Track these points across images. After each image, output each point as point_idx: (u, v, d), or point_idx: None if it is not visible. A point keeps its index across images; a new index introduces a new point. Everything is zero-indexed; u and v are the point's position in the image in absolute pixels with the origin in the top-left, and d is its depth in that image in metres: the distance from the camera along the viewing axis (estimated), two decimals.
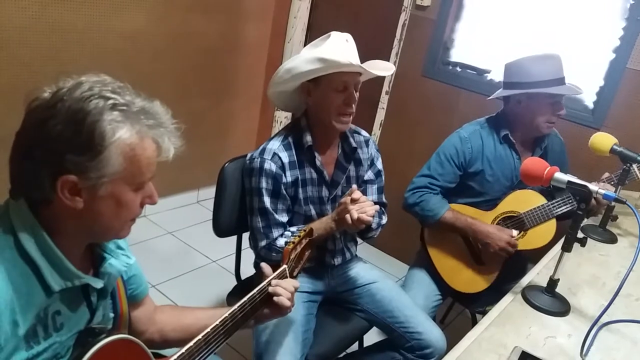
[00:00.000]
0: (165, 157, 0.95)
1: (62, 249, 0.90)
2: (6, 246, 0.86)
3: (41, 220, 0.89)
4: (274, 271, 1.31)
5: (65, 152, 0.84)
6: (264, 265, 1.32)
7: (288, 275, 1.35)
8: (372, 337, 2.01)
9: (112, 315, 1.09)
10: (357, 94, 1.67)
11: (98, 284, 0.99)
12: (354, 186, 1.61)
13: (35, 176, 0.87)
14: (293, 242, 1.41)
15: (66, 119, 0.85)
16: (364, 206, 1.55)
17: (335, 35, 1.66)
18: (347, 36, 1.68)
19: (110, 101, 0.87)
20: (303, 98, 1.70)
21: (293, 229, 1.70)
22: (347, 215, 1.53)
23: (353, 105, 1.66)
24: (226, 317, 1.13)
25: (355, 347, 2.00)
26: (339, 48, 1.62)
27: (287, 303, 1.26)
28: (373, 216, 1.56)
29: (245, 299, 1.20)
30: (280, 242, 1.67)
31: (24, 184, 0.89)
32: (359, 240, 2.01)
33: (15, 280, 0.84)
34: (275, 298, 1.25)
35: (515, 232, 1.98)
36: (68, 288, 0.92)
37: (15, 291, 0.84)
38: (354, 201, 1.55)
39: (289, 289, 1.27)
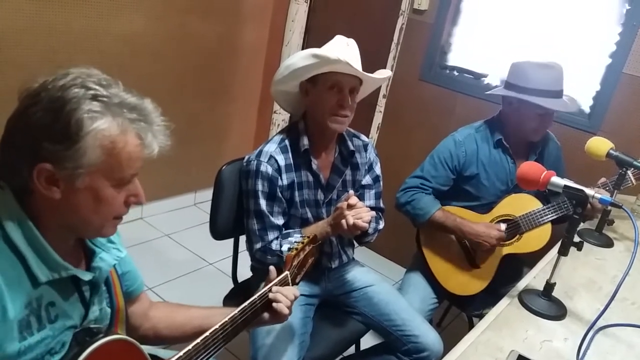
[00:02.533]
0: (148, 154, 0.92)
1: (49, 240, 0.90)
2: None
3: (27, 211, 0.88)
4: (278, 276, 1.31)
5: (42, 139, 0.84)
6: (272, 269, 1.32)
7: (290, 281, 1.35)
8: (369, 340, 2.00)
9: (109, 310, 1.08)
10: (355, 100, 1.67)
11: (86, 276, 0.98)
12: (351, 191, 1.61)
13: (15, 163, 0.87)
14: (296, 249, 1.40)
15: (46, 107, 0.84)
16: (360, 212, 1.54)
17: (338, 37, 1.69)
18: (350, 41, 1.69)
19: (91, 91, 0.86)
20: (302, 99, 1.71)
21: (297, 236, 1.68)
22: (343, 221, 1.53)
23: (347, 109, 1.65)
24: (226, 321, 1.12)
25: (352, 350, 2.00)
26: (337, 48, 1.63)
27: (286, 311, 1.26)
28: (369, 222, 1.56)
29: (246, 303, 1.19)
30: (276, 244, 1.66)
31: (5, 171, 0.89)
32: (356, 244, 2.01)
33: (2, 267, 0.84)
34: (274, 305, 1.25)
35: (503, 226, 1.98)
36: (57, 280, 0.91)
37: (3, 277, 0.83)
38: (350, 207, 1.54)
39: (288, 296, 1.27)
